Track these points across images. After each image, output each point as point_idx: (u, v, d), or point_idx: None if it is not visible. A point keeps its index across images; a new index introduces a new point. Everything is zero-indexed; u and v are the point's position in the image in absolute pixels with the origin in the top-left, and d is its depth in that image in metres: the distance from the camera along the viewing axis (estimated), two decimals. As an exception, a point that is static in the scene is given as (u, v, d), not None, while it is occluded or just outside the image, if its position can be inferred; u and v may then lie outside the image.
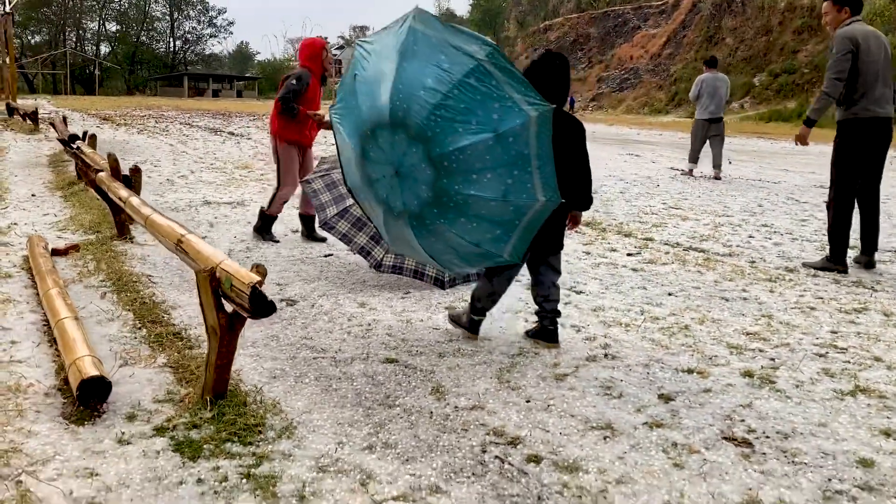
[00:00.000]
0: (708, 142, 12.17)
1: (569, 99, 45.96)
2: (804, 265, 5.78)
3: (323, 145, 13.14)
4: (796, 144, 5.82)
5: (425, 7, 3.28)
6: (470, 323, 3.90)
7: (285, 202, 6.32)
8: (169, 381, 3.26)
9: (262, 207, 6.39)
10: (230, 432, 2.79)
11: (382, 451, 2.71)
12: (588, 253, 6.06)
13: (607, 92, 51.12)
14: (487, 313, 3.92)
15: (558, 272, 3.85)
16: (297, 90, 5.87)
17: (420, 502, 2.40)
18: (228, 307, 2.92)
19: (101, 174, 5.77)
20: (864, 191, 5.59)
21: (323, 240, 6.22)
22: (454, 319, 4.00)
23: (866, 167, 5.51)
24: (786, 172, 13.90)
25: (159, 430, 2.81)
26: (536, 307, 3.87)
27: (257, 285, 2.66)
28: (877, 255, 5.76)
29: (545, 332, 3.83)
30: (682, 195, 10.00)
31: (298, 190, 6.13)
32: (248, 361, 3.49)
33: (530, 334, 3.92)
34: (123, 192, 5.09)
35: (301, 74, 5.96)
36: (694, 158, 12.39)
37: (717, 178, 11.97)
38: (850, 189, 5.52)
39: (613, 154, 16.85)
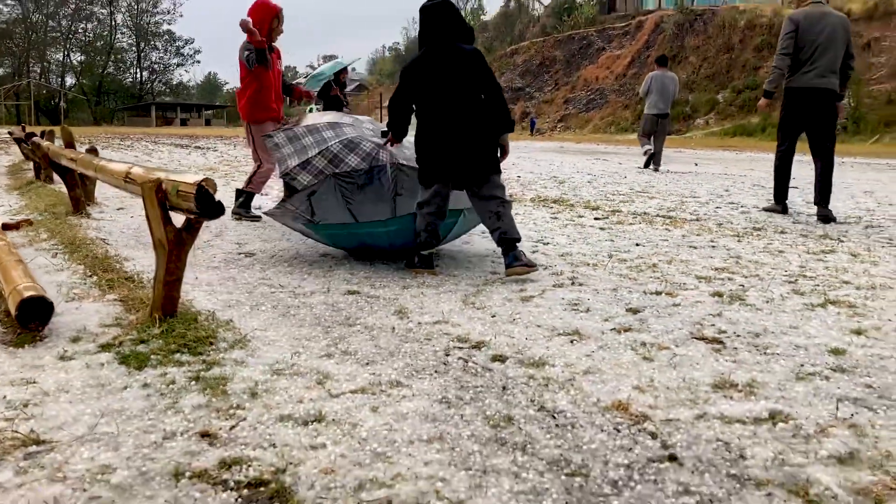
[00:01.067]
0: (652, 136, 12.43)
1: (531, 121, 46.19)
2: (762, 209, 6.64)
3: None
4: (758, 111, 6.25)
5: (392, 37, 3.29)
6: (420, 259, 3.83)
7: (265, 181, 6.12)
8: (118, 311, 3.10)
9: (238, 189, 6.15)
10: (179, 344, 2.64)
11: (341, 357, 2.59)
12: (555, 218, 6.00)
13: (574, 113, 51.58)
14: (434, 247, 3.90)
15: (496, 198, 3.79)
16: (249, 58, 5.66)
17: (379, 395, 2.27)
18: (178, 222, 2.80)
19: (52, 146, 5.60)
20: (816, 151, 6.24)
21: (258, 218, 5.92)
22: (409, 265, 3.93)
23: (810, 132, 6.19)
24: (751, 171, 14.04)
25: (104, 347, 2.65)
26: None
27: (203, 184, 2.54)
28: (844, 219, 5.80)
29: (511, 262, 3.72)
30: (648, 183, 10.03)
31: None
32: (202, 295, 3.35)
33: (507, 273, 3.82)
34: (74, 154, 4.94)
35: (247, 45, 5.70)
36: (648, 139, 12.51)
37: (656, 169, 12.27)
38: (786, 145, 6.34)
39: (581, 160, 16.94)
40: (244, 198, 6.00)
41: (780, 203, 6.55)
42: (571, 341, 2.74)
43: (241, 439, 1.93)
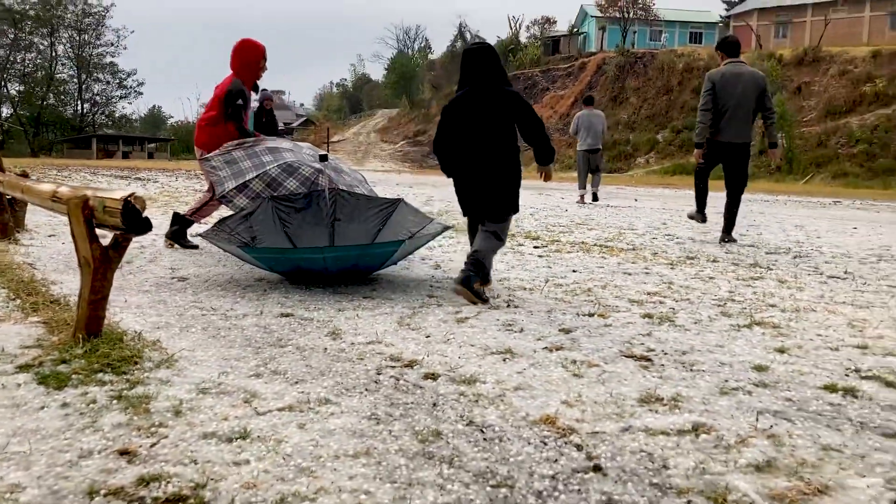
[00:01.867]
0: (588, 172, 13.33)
1: None
2: (688, 216, 7.60)
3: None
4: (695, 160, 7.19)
5: (340, 74, 3.30)
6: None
7: (213, 212, 5.95)
8: (40, 333, 3.01)
9: (175, 213, 5.91)
10: (103, 364, 2.57)
11: (270, 376, 2.55)
12: (495, 247, 6.05)
13: (521, 149, 52.40)
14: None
15: (490, 234, 3.90)
16: (242, 108, 5.54)
17: (307, 412, 2.24)
18: (104, 240, 2.74)
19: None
20: (729, 190, 7.02)
21: (195, 247, 5.80)
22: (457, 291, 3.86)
23: (726, 172, 7.02)
24: (689, 206, 14.38)
25: (23, 368, 2.56)
26: None
27: (130, 199, 2.50)
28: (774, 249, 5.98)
29: (463, 280, 3.72)
30: (588, 216, 10.21)
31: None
32: (130, 317, 3.27)
33: None
34: (1, 177, 4.80)
35: (242, 90, 5.59)
36: (582, 185, 13.41)
37: (594, 198, 13.09)
38: (703, 171, 7.26)
39: (525, 194, 17.09)
40: (178, 226, 5.81)
41: (700, 212, 7.35)
42: (504, 359, 2.75)
43: (162, 456, 1.88)
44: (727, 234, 7.08)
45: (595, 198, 13.20)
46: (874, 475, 1.84)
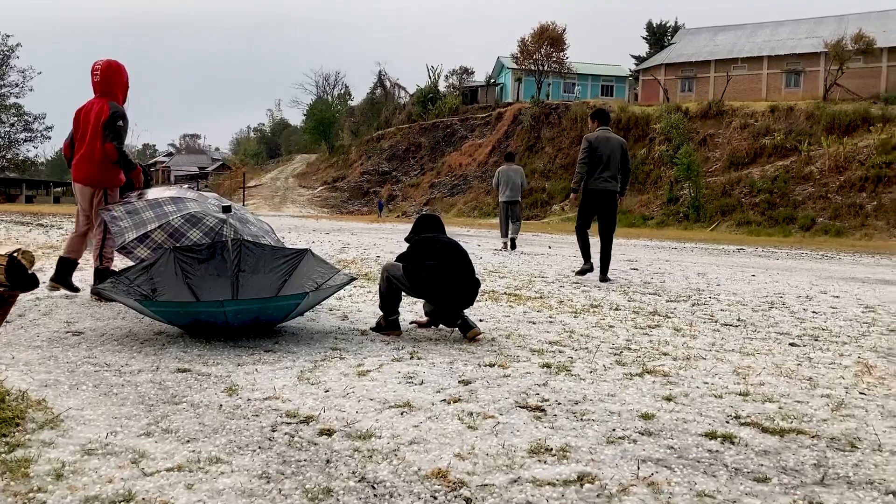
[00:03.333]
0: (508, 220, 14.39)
1: (378, 203, 47.61)
2: (575, 272, 8.84)
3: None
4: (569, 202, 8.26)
5: (258, 119, 3.33)
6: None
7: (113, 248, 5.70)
8: (-85, 394, 2.85)
9: (96, 269, 5.59)
10: (-20, 426, 2.46)
11: (161, 435, 2.49)
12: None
13: (439, 197, 52.92)
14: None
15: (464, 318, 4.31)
16: (123, 129, 5.36)
17: (196, 472, 2.20)
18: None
19: None
20: (601, 234, 8.43)
21: (76, 289, 5.64)
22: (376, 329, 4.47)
23: (599, 219, 8.44)
24: (598, 254, 14.81)
25: None
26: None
27: (15, 254, 2.44)
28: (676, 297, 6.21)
29: (464, 329, 4.26)
30: (502, 264, 10.39)
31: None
32: (16, 375, 3.14)
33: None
34: None
35: (125, 113, 5.43)
36: (504, 234, 14.41)
37: (513, 247, 13.90)
38: (582, 226, 8.65)
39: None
40: (103, 275, 5.50)
41: (587, 263, 8.68)
42: (402, 413, 2.77)
43: (36, 524, 1.82)
44: (604, 275, 8.41)
45: (514, 245, 14.00)
46: (742, 520, 1.93)
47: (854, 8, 71.23)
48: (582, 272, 8.70)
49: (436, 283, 4.21)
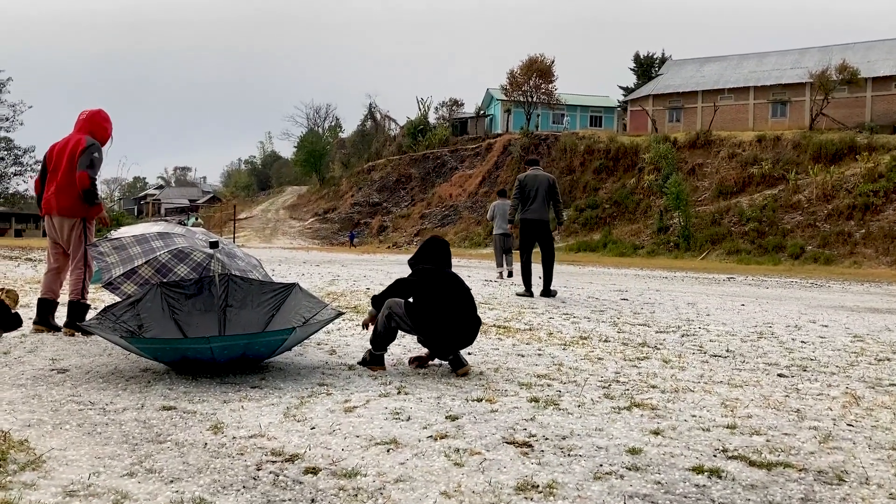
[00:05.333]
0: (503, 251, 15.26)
1: (349, 234, 47.94)
2: (516, 294, 10.38)
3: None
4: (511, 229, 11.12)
5: (249, 151, 3.37)
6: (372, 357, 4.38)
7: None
8: None
9: (70, 302, 5.50)
10: (-40, 468, 2.43)
11: (145, 475, 2.47)
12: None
13: (430, 227, 53.00)
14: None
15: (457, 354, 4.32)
16: (98, 161, 5.43)
17: (179, 513, 2.18)
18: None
19: None
20: (543, 257, 10.12)
21: (59, 328, 5.52)
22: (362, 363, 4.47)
23: (538, 242, 10.04)
24: (589, 284, 14.87)
25: None
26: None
27: None
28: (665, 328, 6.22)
29: (455, 365, 4.27)
30: (491, 295, 10.39)
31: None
32: (-1, 414, 3.11)
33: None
34: None
35: (100, 147, 5.51)
36: (500, 264, 15.14)
37: (509, 275, 14.56)
38: (525, 252, 10.32)
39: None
40: (81, 310, 5.47)
41: (528, 290, 10.24)
42: (388, 450, 2.76)
43: (14, 569, 1.79)
44: (546, 290, 10.05)
45: (510, 274, 14.62)
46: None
47: (837, 39, 72.42)
48: (521, 295, 10.20)
49: (439, 323, 4.20)
